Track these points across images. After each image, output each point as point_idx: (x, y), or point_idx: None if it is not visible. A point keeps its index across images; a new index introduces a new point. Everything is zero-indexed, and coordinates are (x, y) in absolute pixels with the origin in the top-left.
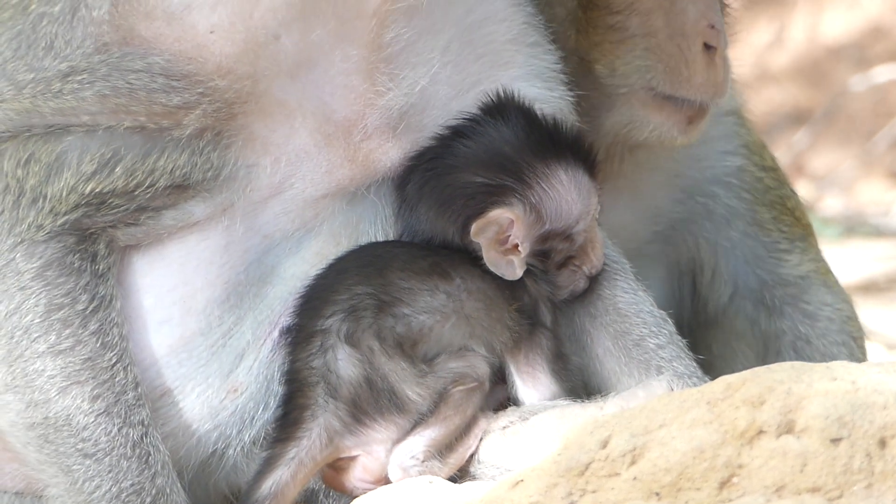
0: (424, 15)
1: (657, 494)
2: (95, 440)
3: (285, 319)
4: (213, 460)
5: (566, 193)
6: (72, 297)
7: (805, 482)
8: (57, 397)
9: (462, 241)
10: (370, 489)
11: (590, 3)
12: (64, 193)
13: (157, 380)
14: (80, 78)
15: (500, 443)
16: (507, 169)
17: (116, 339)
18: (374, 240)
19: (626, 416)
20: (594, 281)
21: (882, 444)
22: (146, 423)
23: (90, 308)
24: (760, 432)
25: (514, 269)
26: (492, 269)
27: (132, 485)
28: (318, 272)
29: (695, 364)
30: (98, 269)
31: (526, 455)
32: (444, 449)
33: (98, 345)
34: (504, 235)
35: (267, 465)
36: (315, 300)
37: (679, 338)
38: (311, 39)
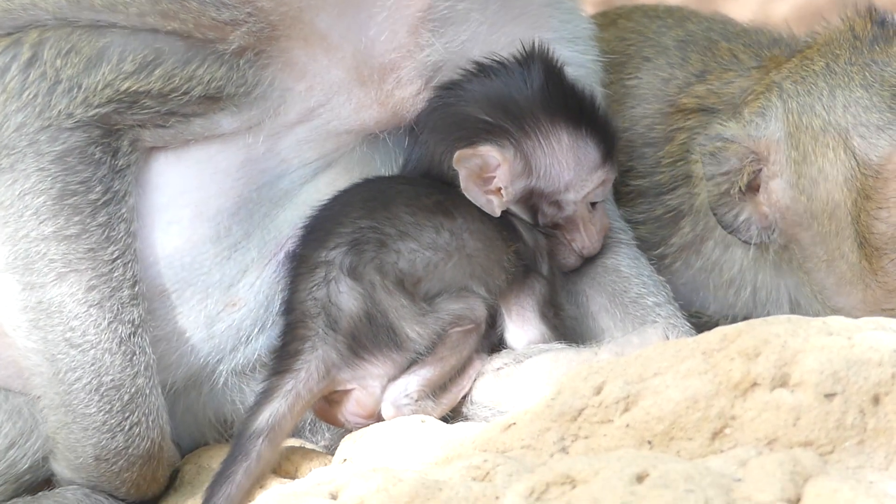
0: None
1: (649, 443)
2: (84, 331)
3: (291, 244)
4: (204, 374)
5: (561, 156)
6: (86, 186)
7: (797, 436)
8: (54, 282)
9: (446, 168)
10: (362, 424)
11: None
12: (99, 87)
13: (157, 279)
14: None
15: (494, 384)
16: (510, 113)
17: (122, 234)
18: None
19: (620, 363)
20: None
21: (875, 400)
22: (137, 322)
23: (102, 200)
24: (754, 384)
25: (492, 206)
26: (468, 197)
27: (112, 380)
28: (323, 203)
29: (690, 325)
30: (117, 164)
31: (519, 398)
32: (437, 389)
33: (103, 237)
34: (489, 175)
35: (264, 397)
36: (319, 231)
37: (676, 300)
38: None
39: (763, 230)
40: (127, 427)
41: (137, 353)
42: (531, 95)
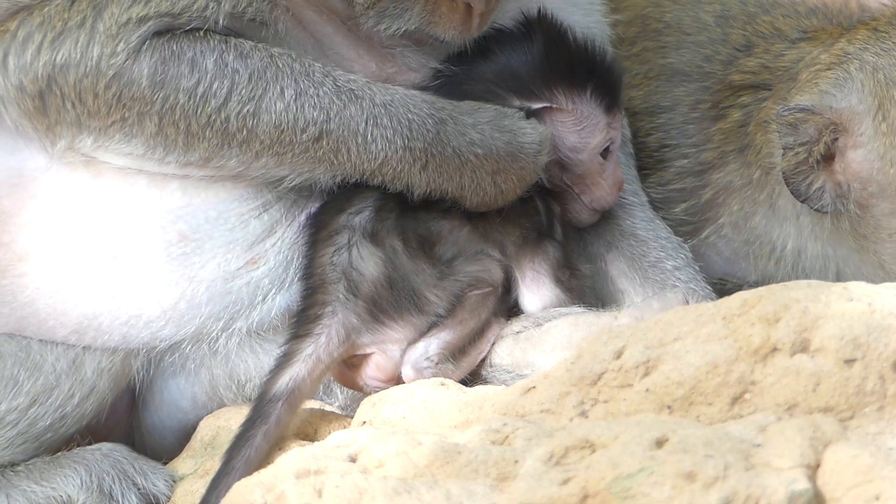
0: None
1: (669, 407)
2: None
3: (313, 205)
4: (218, 330)
5: (567, 121)
6: None
7: (817, 402)
8: None
9: None
10: (381, 387)
11: None
12: None
13: (177, 224)
14: None
15: (513, 348)
16: (515, 84)
17: None
18: None
19: (641, 327)
20: (611, 212)
21: None
22: None
23: None
24: (774, 350)
25: None
26: None
27: None
28: None
29: (710, 288)
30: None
31: (538, 361)
32: (457, 352)
33: None
34: None
35: (284, 360)
36: (339, 198)
37: (695, 262)
38: None
39: (837, 199)
40: None
41: None
42: (534, 66)
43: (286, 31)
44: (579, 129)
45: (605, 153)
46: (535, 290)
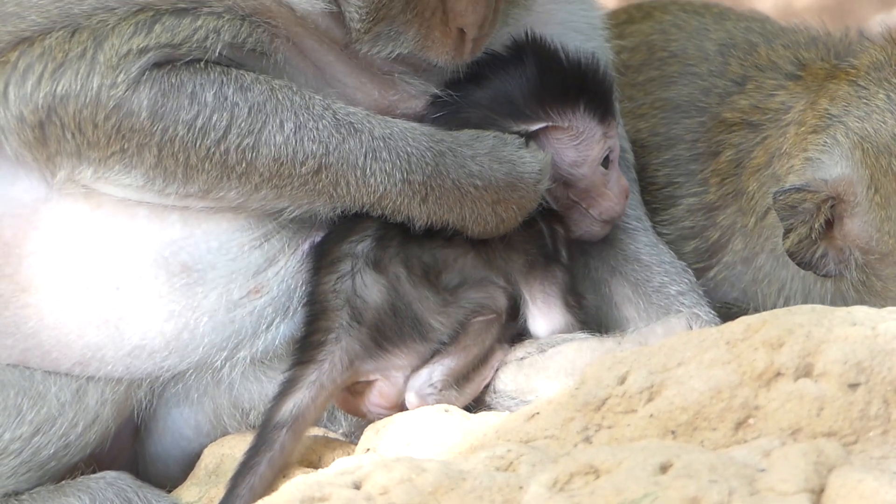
0: None
1: (673, 433)
2: None
3: (318, 234)
4: (222, 359)
5: (565, 140)
6: None
7: (821, 426)
8: None
9: None
10: (384, 415)
11: None
12: None
13: (180, 256)
14: None
15: (517, 374)
16: (510, 110)
17: None
18: None
19: (644, 353)
20: (614, 237)
21: None
22: None
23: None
24: (778, 374)
25: None
26: None
27: None
28: None
29: (714, 312)
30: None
31: (542, 387)
32: (461, 378)
33: None
34: None
35: (288, 387)
36: (342, 227)
37: (699, 287)
38: None
39: (839, 264)
40: None
41: None
42: (527, 88)
43: (286, 60)
44: (577, 143)
45: (606, 162)
46: (546, 314)
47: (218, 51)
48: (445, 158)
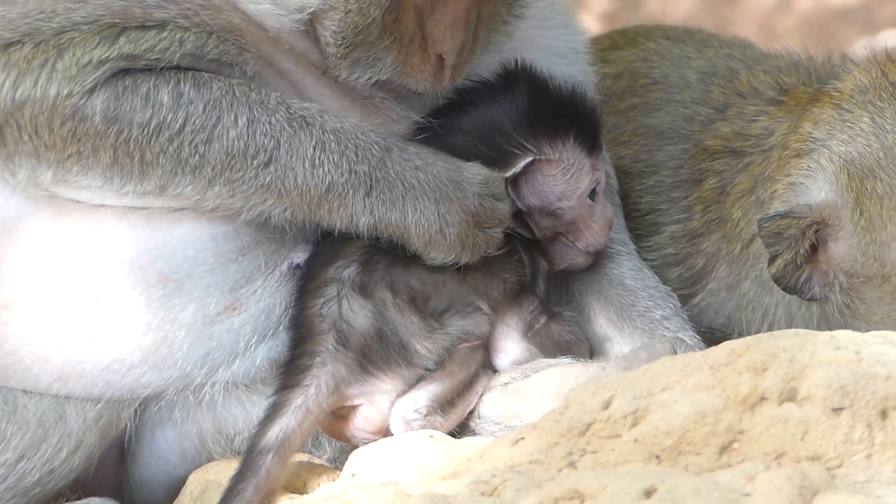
0: None
1: (657, 457)
2: None
3: (297, 255)
4: (201, 379)
5: (552, 173)
6: None
7: (805, 450)
8: None
9: None
10: (370, 439)
11: None
12: None
13: (157, 264)
14: None
15: (501, 399)
16: (496, 141)
17: None
18: None
19: (628, 377)
20: (598, 262)
21: (883, 415)
22: None
23: None
24: (762, 399)
25: None
26: None
27: None
28: None
29: (699, 337)
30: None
31: (526, 412)
32: (446, 404)
33: None
34: None
35: (274, 412)
36: (326, 251)
37: (684, 311)
38: None
39: (824, 287)
40: None
41: None
42: (518, 121)
43: (257, 73)
44: (567, 177)
45: (593, 194)
46: (502, 345)
47: (177, 59)
48: (391, 153)
